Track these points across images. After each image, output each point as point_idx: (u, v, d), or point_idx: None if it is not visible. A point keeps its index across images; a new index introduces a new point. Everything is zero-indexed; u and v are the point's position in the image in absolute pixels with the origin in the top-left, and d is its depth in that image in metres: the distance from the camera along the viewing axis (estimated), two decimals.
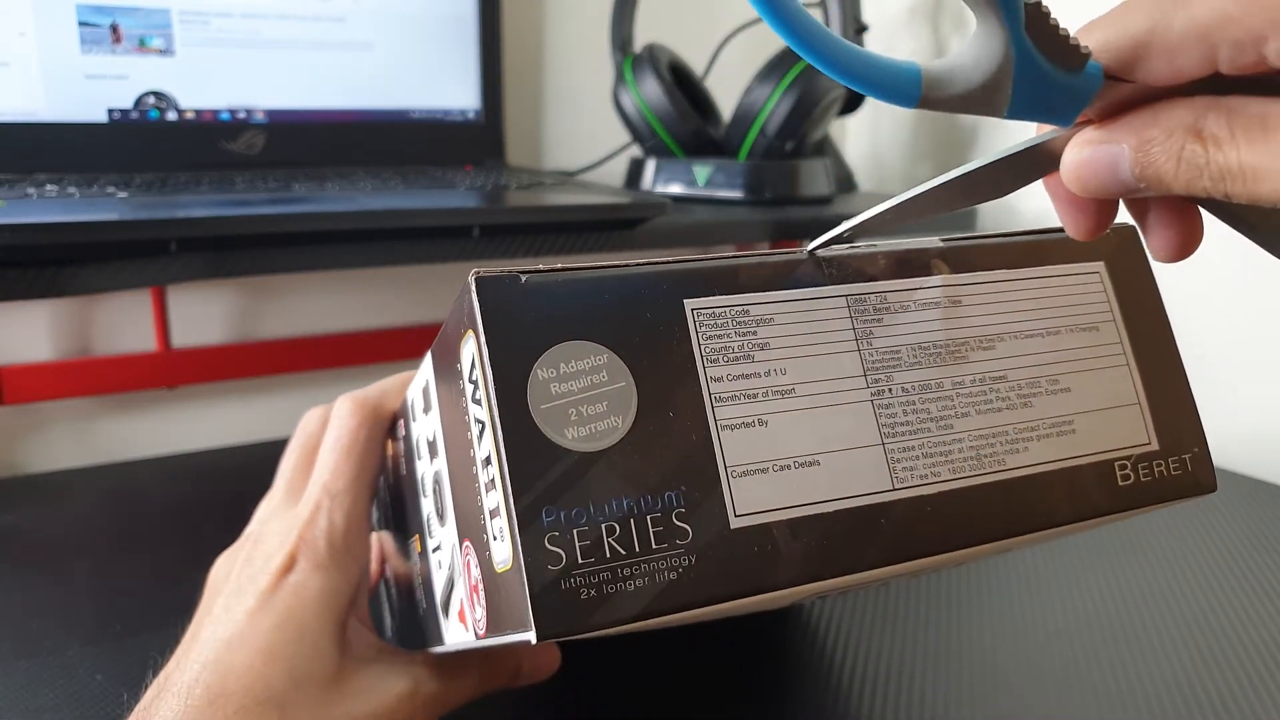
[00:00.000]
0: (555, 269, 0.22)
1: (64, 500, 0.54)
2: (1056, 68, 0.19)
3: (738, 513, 0.21)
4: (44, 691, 0.36)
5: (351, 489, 0.32)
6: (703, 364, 0.22)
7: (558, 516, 0.20)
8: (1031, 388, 0.24)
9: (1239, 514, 0.51)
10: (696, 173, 0.69)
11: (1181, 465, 0.25)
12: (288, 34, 0.63)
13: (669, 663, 0.38)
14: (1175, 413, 0.26)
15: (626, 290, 0.22)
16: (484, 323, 0.21)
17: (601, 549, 0.20)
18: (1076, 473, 0.24)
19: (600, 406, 0.21)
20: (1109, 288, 0.26)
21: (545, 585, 0.19)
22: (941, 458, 0.23)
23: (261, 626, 0.28)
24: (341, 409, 0.34)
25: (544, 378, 0.20)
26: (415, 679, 0.30)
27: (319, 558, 0.30)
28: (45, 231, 0.42)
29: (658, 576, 0.20)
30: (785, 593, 0.21)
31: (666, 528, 0.20)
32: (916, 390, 0.23)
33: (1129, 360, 0.26)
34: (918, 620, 0.41)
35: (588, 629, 0.19)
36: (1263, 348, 0.59)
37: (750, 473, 0.21)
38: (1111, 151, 0.20)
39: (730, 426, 0.21)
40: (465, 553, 0.24)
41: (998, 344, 0.24)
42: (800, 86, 0.66)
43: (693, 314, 0.22)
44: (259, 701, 0.26)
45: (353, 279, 0.72)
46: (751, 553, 0.21)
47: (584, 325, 0.21)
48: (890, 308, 0.24)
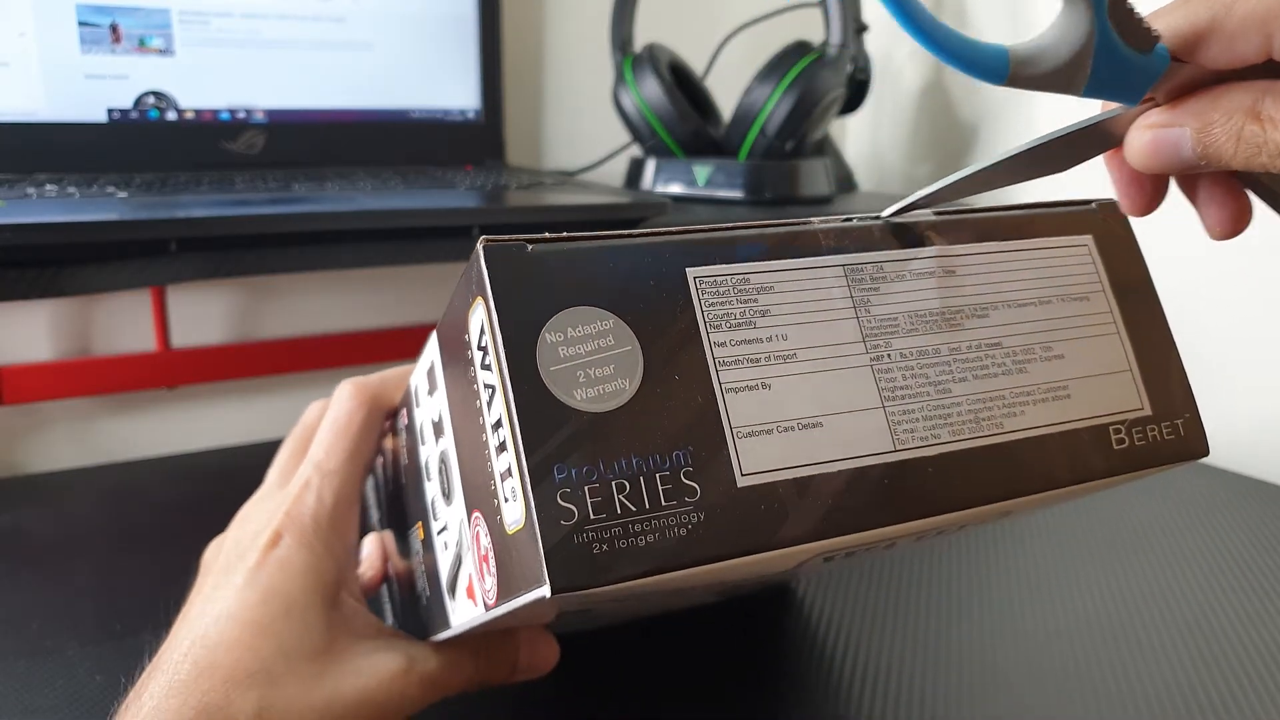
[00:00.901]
0: (561, 237, 0.22)
1: (64, 500, 0.54)
2: (1131, 49, 0.21)
3: (744, 472, 0.21)
4: (44, 691, 0.36)
5: (343, 470, 0.32)
6: (706, 329, 0.22)
7: (569, 474, 0.20)
8: (1026, 354, 0.25)
9: (1239, 514, 0.51)
10: (696, 173, 0.69)
11: (1174, 430, 0.26)
12: (288, 34, 0.63)
13: (666, 659, 0.38)
14: (1166, 379, 0.26)
15: (630, 259, 0.22)
16: (493, 289, 0.21)
17: (613, 505, 0.20)
18: (1073, 436, 0.25)
19: (608, 369, 0.21)
20: (1098, 260, 0.27)
21: (559, 540, 0.20)
22: (941, 420, 0.24)
23: (249, 601, 0.28)
24: (342, 392, 0.34)
25: (552, 341, 0.21)
26: (410, 657, 0.29)
27: (304, 533, 0.30)
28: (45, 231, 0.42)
29: (668, 533, 0.20)
30: (793, 550, 0.22)
31: (675, 486, 0.21)
32: (914, 356, 0.24)
33: (1119, 329, 0.26)
34: (918, 620, 0.41)
35: (601, 583, 0.20)
36: (1262, 348, 0.59)
37: (755, 433, 0.22)
38: (1175, 132, 0.21)
39: (734, 389, 0.22)
40: (475, 524, 0.24)
41: (991, 312, 0.25)
42: (800, 86, 0.66)
43: (695, 282, 0.23)
44: (248, 674, 0.26)
45: (353, 279, 0.72)
46: (759, 511, 0.21)
47: (590, 292, 0.22)
48: (886, 277, 0.24)
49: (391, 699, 0.28)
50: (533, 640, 0.32)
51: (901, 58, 0.85)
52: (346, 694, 0.28)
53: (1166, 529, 0.49)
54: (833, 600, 0.42)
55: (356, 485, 0.33)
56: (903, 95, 0.86)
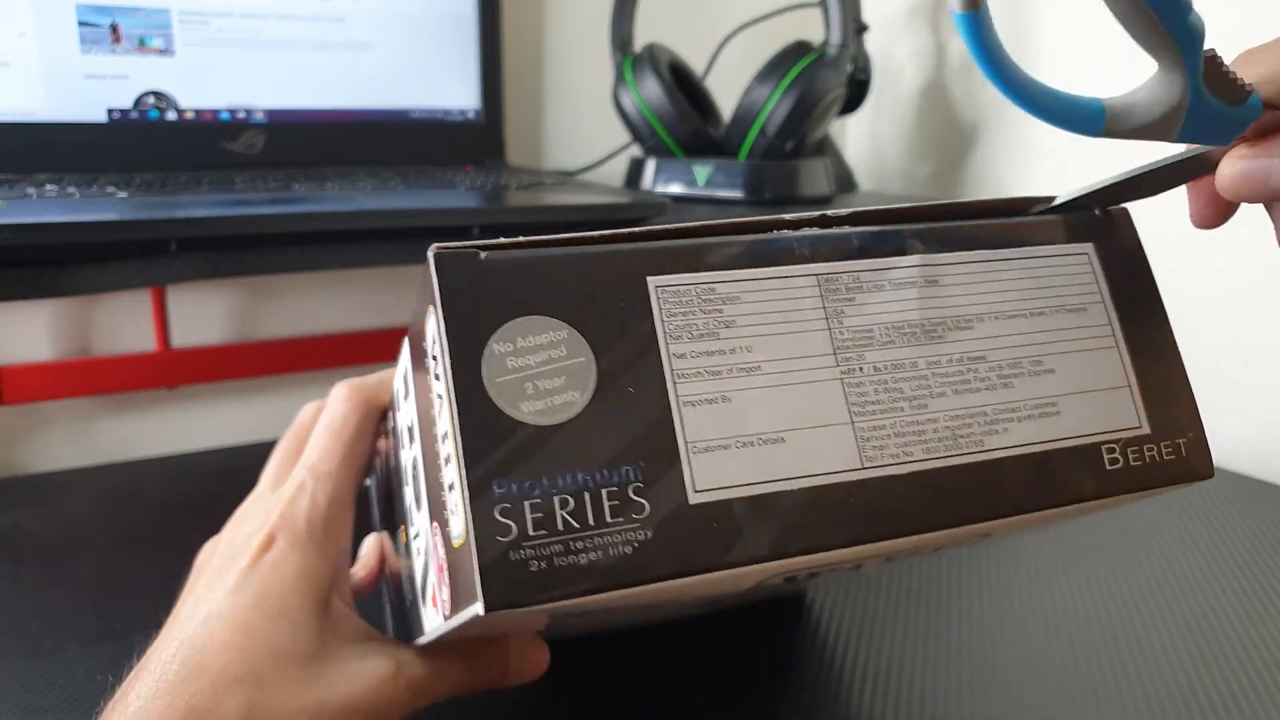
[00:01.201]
0: (518, 243, 0.22)
1: (64, 500, 0.54)
2: (1223, 103, 0.22)
3: (697, 488, 0.21)
4: (44, 691, 0.36)
5: (337, 472, 0.32)
6: (665, 340, 0.22)
7: (509, 489, 0.20)
8: (1013, 369, 0.24)
9: (1239, 514, 0.51)
10: (696, 173, 0.69)
11: (1175, 450, 0.25)
12: (288, 34, 0.63)
13: (664, 664, 0.38)
14: (1168, 397, 0.25)
15: (589, 266, 0.22)
16: (442, 298, 0.21)
17: (554, 521, 0.20)
18: (1060, 455, 0.24)
19: (558, 381, 0.21)
20: (1098, 269, 0.26)
21: (495, 557, 0.19)
22: (915, 437, 0.23)
23: (240, 603, 0.28)
24: (336, 394, 0.34)
25: (500, 351, 0.21)
26: (399, 661, 0.29)
27: (297, 536, 0.30)
28: (45, 231, 0.42)
29: (611, 550, 0.20)
30: (746, 570, 0.21)
31: (623, 502, 0.20)
32: (889, 369, 0.23)
33: (1118, 342, 0.25)
34: (918, 619, 0.41)
35: (536, 601, 0.19)
36: (1264, 348, 0.59)
37: (711, 449, 0.21)
38: (1265, 165, 0.23)
39: (692, 403, 0.21)
40: (434, 533, 0.24)
41: (977, 324, 0.24)
42: (800, 86, 0.66)
43: (656, 291, 0.22)
44: (236, 677, 0.26)
45: (353, 279, 0.72)
46: (711, 529, 0.21)
47: (543, 301, 0.21)
48: (863, 287, 0.23)
49: (380, 703, 0.28)
50: (523, 645, 0.32)
51: (901, 58, 0.85)
52: (335, 698, 0.27)
53: (1166, 529, 0.49)
54: (832, 600, 0.42)
55: (351, 488, 0.33)
56: (903, 95, 0.86)
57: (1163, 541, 0.48)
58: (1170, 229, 0.43)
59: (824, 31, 0.68)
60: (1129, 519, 0.50)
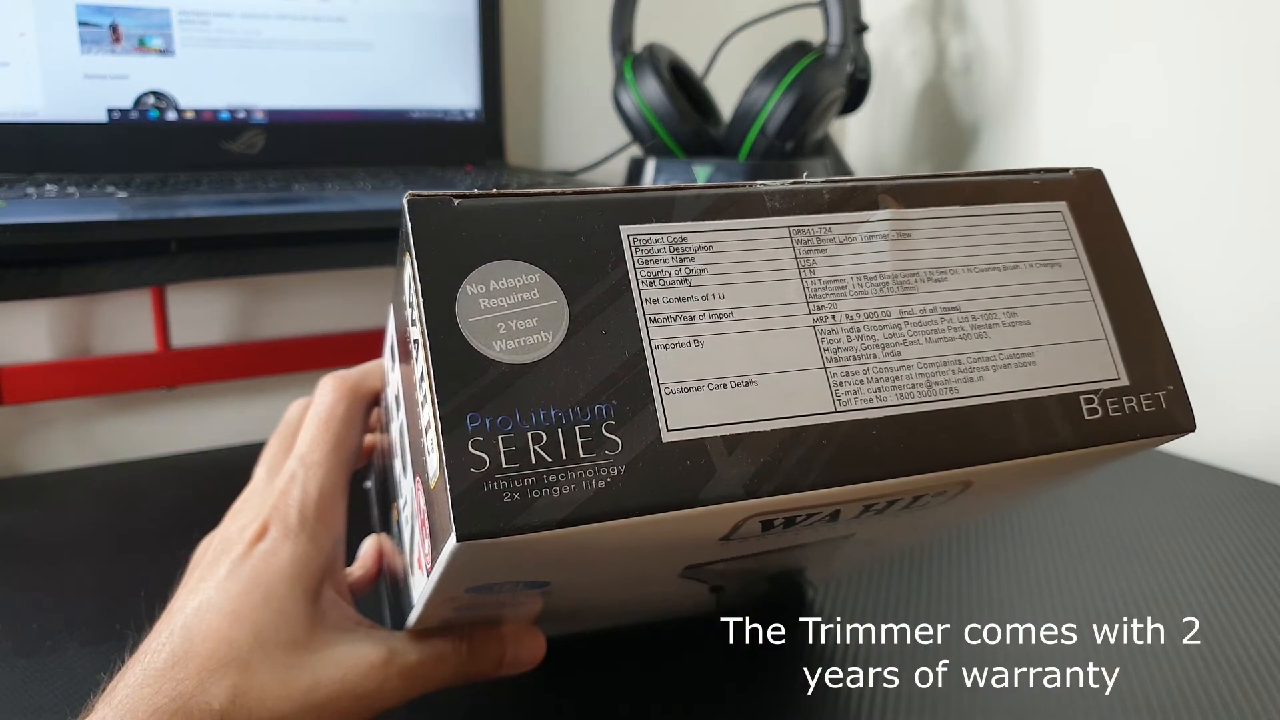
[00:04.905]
0: (490, 193, 0.22)
1: (64, 500, 0.54)
2: None
3: (670, 427, 0.21)
4: (44, 691, 0.36)
5: (327, 461, 0.32)
6: (638, 286, 0.22)
7: (482, 423, 0.20)
8: (987, 319, 0.24)
9: (1239, 515, 0.51)
10: (696, 173, 0.69)
11: (1155, 402, 0.25)
12: (287, 34, 0.63)
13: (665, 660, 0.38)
14: (1147, 350, 0.25)
15: (562, 215, 0.22)
16: (415, 243, 0.21)
17: (527, 455, 0.20)
18: (1037, 404, 0.24)
19: (530, 322, 0.21)
20: (1072, 226, 0.26)
21: (467, 488, 0.20)
22: (888, 383, 0.23)
23: (230, 591, 0.28)
24: (323, 387, 0.34)
25: (473, 293, 0.21)
26: (391, 649, 0.29)
27: (289, 526, 0.30)
28: (45, 231, 0.42)
29: (584, 484, 0.20)
30: (720, 509, 0.21)
31: (595, 438, 0.21)
32: (861, 318, 0.23)
33: (1094, 296, 0.25)
34: (917, 619, 0.40)
35: (509, 531, 0.20)
36: (1263, 348, 0.59)
37: (684, 390, 0.21)
38: None
39: (665, 346, 0.22)
40: (416, 488, 0.24)
41: (950, 276, 0.24)
42: (800, 86, 0.66)
43: (629, 239, 0.22)
44: (222, 662, 0.26)
45: (353, 279, 0.72)
46: (684, 466, 0.21)
47: (516, 246, 0.22)
48: (835, 239, 0.24)
49: (371, 690, 0.28)
50: (518, 634, 0.32)
51: (901, 58, 0.85)
52: (325, 684, 0.27)
53: (1166, 529, 0.49)
54: (831, 600, 0.42)
55: (342, 476, 0.33)
56: (903, 95, 0.86)
57: (1162, 542, 0.48)
58: (1168, 229, 0.43)
59: (824, 31, 0.68)
60: (1128, 518, 0.50)
